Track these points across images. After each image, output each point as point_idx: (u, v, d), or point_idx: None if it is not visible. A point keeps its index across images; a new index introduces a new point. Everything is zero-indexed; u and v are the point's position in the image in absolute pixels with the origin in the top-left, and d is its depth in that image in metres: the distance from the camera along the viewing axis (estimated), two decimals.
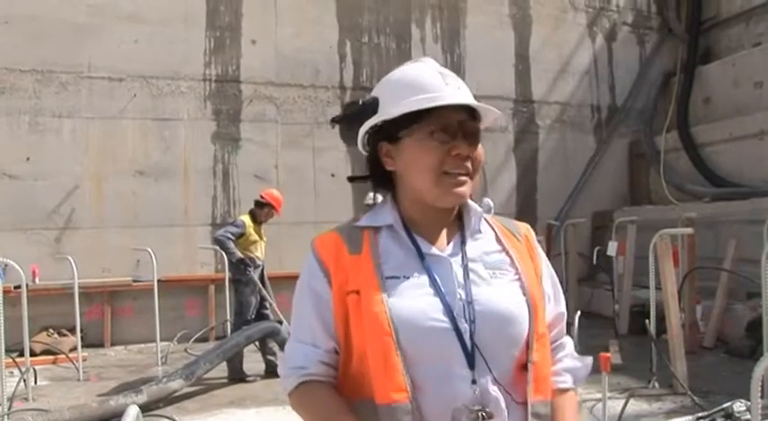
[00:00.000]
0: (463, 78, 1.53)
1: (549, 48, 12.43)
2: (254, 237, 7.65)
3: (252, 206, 7.90)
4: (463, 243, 1.51)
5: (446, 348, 1.38)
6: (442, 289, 1.42)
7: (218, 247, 7.67)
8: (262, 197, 7.82)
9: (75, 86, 9.65)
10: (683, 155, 11.78)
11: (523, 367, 1.43)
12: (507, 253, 1.52)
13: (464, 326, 1.39)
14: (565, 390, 1.55)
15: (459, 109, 1.45)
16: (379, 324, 1.37)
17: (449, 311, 1.39)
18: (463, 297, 1.42)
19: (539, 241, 1.70)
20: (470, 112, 1.47)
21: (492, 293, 1.44)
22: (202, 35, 10.33)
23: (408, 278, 1.43)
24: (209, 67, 10.36)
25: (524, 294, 1.46)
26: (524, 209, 11.81)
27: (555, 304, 1.60)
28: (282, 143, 10.69)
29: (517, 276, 1.49)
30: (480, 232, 1.55)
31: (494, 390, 1.39)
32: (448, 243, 1.51)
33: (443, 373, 1.37)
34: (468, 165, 1.46)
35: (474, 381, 1.38)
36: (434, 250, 1.48)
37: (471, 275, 1.45)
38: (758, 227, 8.02)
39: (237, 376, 7.28)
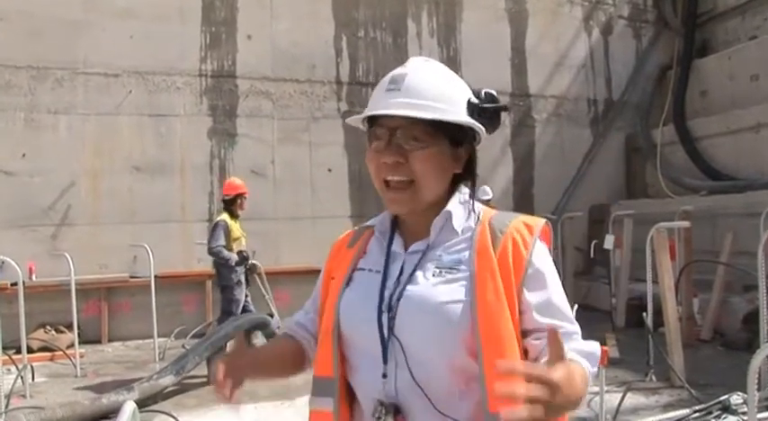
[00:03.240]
0: (459, 72, 1.51)
1: (545, 41, 12.42)
2: (237, 233, 7.43)
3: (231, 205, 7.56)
4: (430, 242, 1.51)
5: (368, 338, 1.44)
6: (387, 283, 1.48)
7: (214, 259, 7.44)
8: (226, 193, 7.55)
9: (71, 82, 9.62)
10: (680, 148, 11.78)
11: (473, 378, 1.37)
12: (469, 253, 1.46)
13: (384, 320, 1.43)
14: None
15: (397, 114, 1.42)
16: (330, 307, 1.52)
17: (379, 304, 1.45)
18: (396, 292, 1.45)
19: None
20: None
21: (423, 291, 1.42)
22: (198, 30, 10.30)
23: (372, 271, 1.52)
24: (205, 62, 10.34)
25: (467, 295, 1.39)
26: (521, 203, 11.81)
27: (539, 315, 1.40)
28: (279, 138, 10.67)
29: (467, 274, 1.41)
30: (455, 231, 1.49)
31: (410, 389, 1.39)
32: (420, 240, 1.52)
33: (367, 361, 1.45)
34: (403, 171, 1.42)
35: (385, 375, 1.41)
36: (398, 248, 1.53)
37: (417, 272, 1.46)
38: (755, 219, 8.03)
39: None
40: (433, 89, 1.46)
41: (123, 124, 9.88)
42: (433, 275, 1.45)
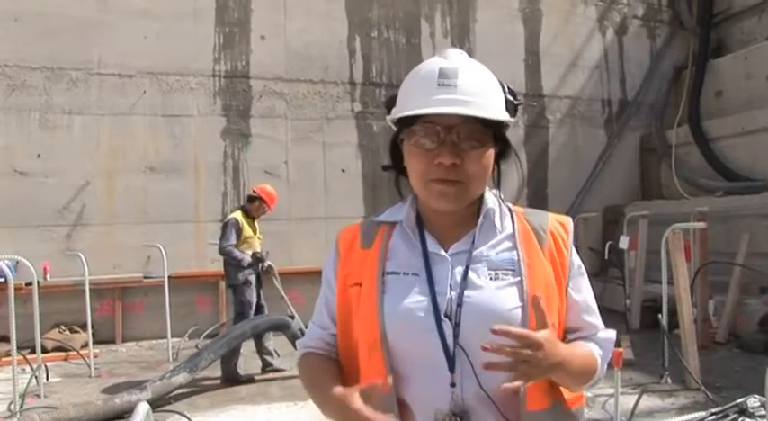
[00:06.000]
0: None
1: (559, 42, 12.36)
2: (248, 232, 7.43)
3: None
4: (474, 241, 1.47)
5: (428, 348, 1.38)
6: (436, 289, 1.41)
7: (225, 258, 7.46)
8: (254, 191, 7.67)
9: (85, 83, 9.67)
10: (695, 149, 11.69)
11: None
12: (517, 252, 1.46)
13: (448, 328, 1.37)
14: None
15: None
16: (370, 317, 1.42)
17: (435, 311, 1.38)
18: (454, 298, 1.39)
19: None
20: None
21: (484, 296, 1.39)
22: (212, 31, 10.32)
23: (408, 275, 1.44)
24: (219, 62, 10.36)
25: (521, 300, 1.39)
26: (535, 204, 11.71)
27: (582, 314, 1.53)
28: (292, 139, 10.68)
29: (518, 278, 1.41)
30: (496, 228, 1.49)
31: (477, 398, 1.37)
32: (460, 240, 1.47)
33: (426, 372, 1.39)
34: (457, 172, 1.38)
35: (453, 385, 1.37)
36: (439, 249, 1.46)
37: (470, 276, 1.42)
38: None
39: (231, 377, 7.10)
40: (486, 86, 1.44)
41: (137, 124, 9.92)
42: (490, 279, 1.42)
